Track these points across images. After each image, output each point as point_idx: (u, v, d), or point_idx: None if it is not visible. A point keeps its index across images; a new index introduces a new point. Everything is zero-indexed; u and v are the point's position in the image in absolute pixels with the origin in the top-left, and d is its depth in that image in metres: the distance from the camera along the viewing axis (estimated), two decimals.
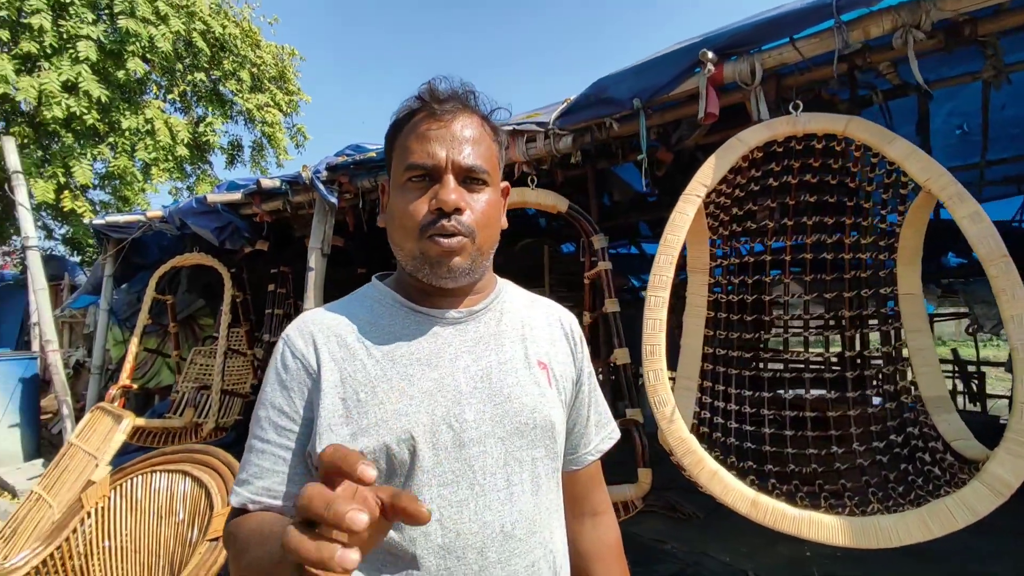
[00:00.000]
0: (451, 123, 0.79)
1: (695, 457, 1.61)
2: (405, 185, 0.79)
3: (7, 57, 6.45)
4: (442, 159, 0.77)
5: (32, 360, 5.75)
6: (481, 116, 0.84)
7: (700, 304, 2.17)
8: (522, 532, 0.77)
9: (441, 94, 0.81)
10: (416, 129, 0.79)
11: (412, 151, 0.78)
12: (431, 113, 0.79)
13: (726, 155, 1.92)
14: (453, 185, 0.77)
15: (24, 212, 3.47)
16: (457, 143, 0.78)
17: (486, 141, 0.82)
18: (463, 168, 0.78)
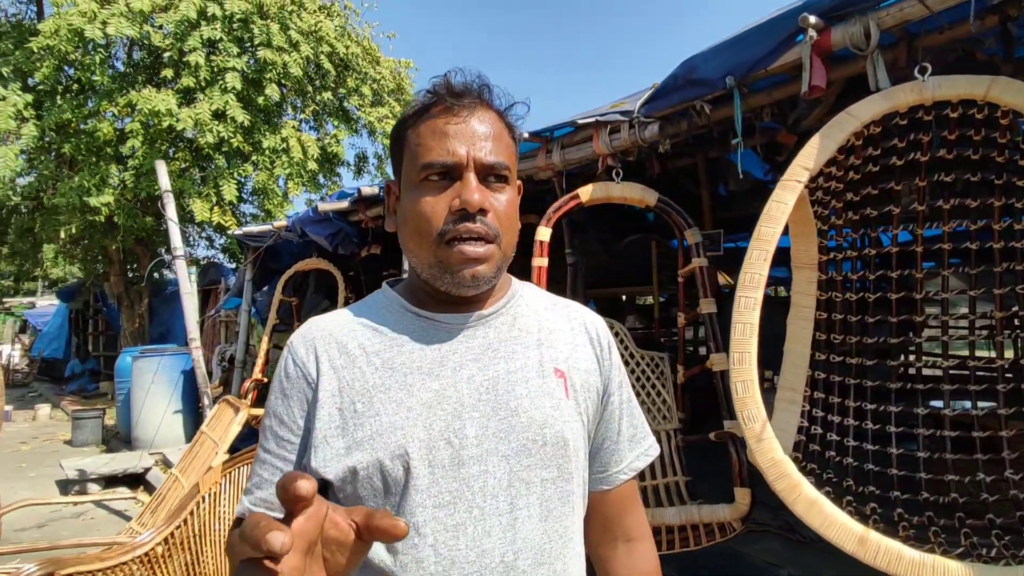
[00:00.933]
0: (470, 118, 0.73)
1: (790, 482, 1.41)
2: (421, 185, 0.73)
3: (171, 92, 7.43)
4: (463, 156, 0.71)
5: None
6: (498, 111, 0.78)
7: (807, 304, 1.91)
8: (526, 563, 0.69)
9: (457, 87, 0.75)
10: (432, 124, 0.73)
11: (429, 148, 0.72)
12: (447, 108, 0.73)
13: (833, 133, 1.66)
14: (476, 184, 0.71)
15: (172, 226, 3.96)
16: (478, 139, 0.72)
17: (505, 137, 0.76)
18: (485, 165, 0.72)
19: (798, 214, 1.84)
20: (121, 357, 7.36)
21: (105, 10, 7.09)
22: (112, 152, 7.76)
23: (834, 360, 1.96)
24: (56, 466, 5.49)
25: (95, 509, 4.61)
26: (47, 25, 7.09)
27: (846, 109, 1.67)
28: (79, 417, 7.12)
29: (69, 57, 7.30)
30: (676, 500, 2.44)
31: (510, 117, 0.80)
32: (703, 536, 2.15)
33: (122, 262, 10.02)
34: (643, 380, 2.78)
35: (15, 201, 8.68)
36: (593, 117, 2.42)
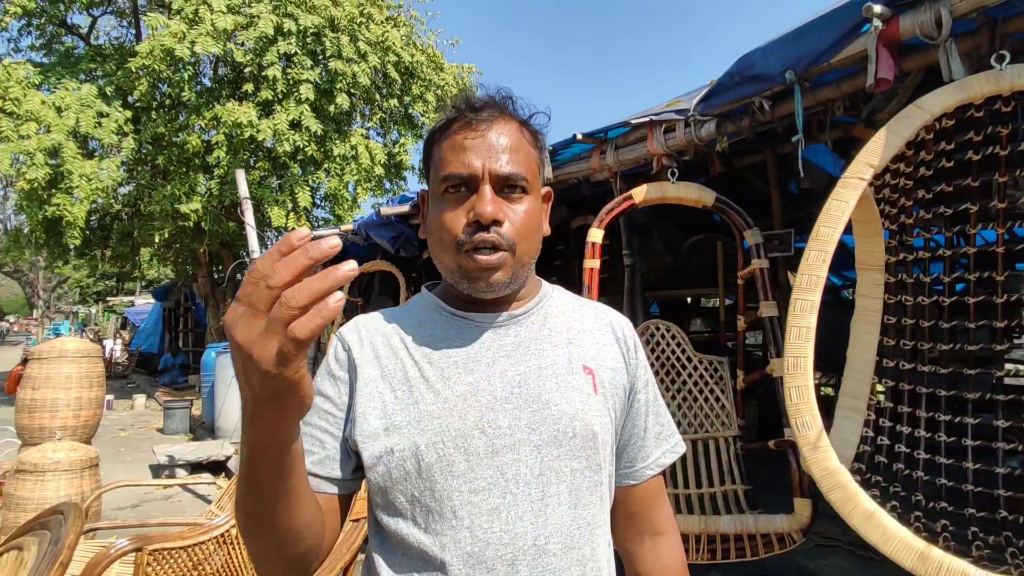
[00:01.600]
0: (487, 131, 0.77)
1: (845, 493, 1.35)
2: (442, 197, 0.78)
3: (251, 105, 7.92)
4: (478, 168, 0.75)
5: None
6: (520, 121, 0.81)
7: (873, 308, 1.82)
8: (557, 547, 0.73)
9: (477, 102, 0.79)
10: (452, 139, 0.78)
11: (448, 161, 0.77)
12: (467, 122, 0.78)
13: (900, 128, 1.57)
14: (490, 196, 0.75)
15: (251, 231, 4.24)
16: (494, 151, 0.76)
17: (524, 147, 0.79)
18: (500, 177, 0.76)
19: (862, 213, 1.75)
20: (206, 352, 7.91)
21: (193, 31, 7.65)
22: (199, 162, 8.36)
23: (904, 367, 1.85)
24: (150, 452, 5.97)
25: (181, 492, 4.98)
26: (143, 47, 7.73)
27: (915, 102, 1.58)
28: (170, 407, 7.71)
29: (162, 75, 7.92)
30: (734, 509, 2.37)
31: (534, 125, 0.83)
32: (760, 547, 2.08)
33: (209, 264, 10.76)
34: (701, 385, 2.72)
35: (116, 208, 9.51)
36: (647, 116, 2.40)
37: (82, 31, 10.53)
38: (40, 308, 26.84)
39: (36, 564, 1.04)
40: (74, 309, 34.01)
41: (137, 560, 1.97)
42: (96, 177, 7.88)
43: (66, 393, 4.08)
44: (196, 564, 2.15)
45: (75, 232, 8.01)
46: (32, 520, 1.28)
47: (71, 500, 3.35)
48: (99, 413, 4.32)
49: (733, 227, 2.45)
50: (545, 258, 5.02)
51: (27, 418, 4.01)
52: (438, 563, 0.71)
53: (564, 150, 2.98)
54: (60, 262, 10.63)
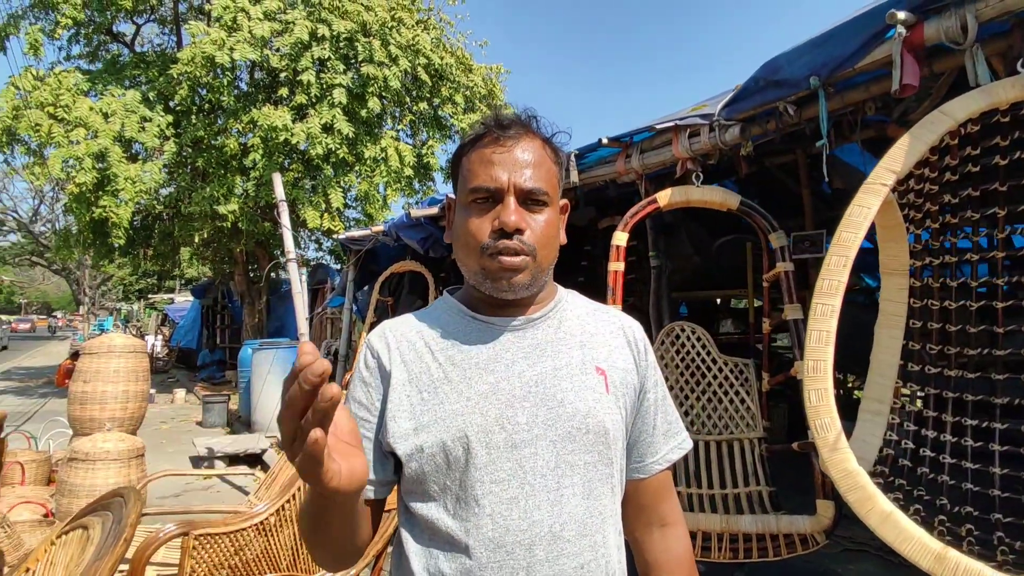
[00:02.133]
0: (513, 147, 0.83)
1: (862, 494, 1.37)
2: (469, 206, 0.84)
3: (286, 109, 8.14)
4: (504, 182, 0.82)
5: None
6: (543, 139, 0.88)
7: (897, 312, 1.82)
8: (571, 534, 0.79)
9: (505, 120, 0.86)
10: (481, 153, 0.84)
11: (476, 174, 0.84)
12: (495, 138, 0.84)
13: (924, 134, 1.59)
14: (514, 207, 0.82)
15: (286, 232, 4.39)
16: (519, 167, 0.82)
17: (546, 163, 0.86)
18: (524, 191, 0.82)
19: (886, 218, 1.76)
20: (243, 349, 8.18)
21: (231, 37, 7.90)
22: (237, 165, 8.63)
23: (930, 371, 1.85)
24: (190, 444, 6.22)
25: (220, 483, 5.18)
26: (185, 53, 8.02)
27: (939, 107, 1.59)
28: (208, 402, 7.99)
29: (202, 81, 8.20)
30: (758, 510, 2.39)
31: (556, 143, 0.90)
32: (783, 547, 2.10)
33: (245, 263, 11.08)
34: (726, 386, 2.74)
35: (159, 209, 9.88)
36: (672, 121, 2.43)
37: (127, 39, 10.95)
38: (86, 305, 27.96)
39: (102, 540, 1.14)
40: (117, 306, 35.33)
41: (184, 544, 2.10)
42: (140, 179, 8.21)
43: (114, 386, 4.29)
44: (237, 550, 2.27)
45: (120, 232, 8.35)
46: (94, 502, 1.39)
47: (130, 485, 3.54)
48: (144, 406, 4.54)
49: (758, 230, 2.47)
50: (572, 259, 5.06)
51: (78, 409, 4.24)
52: (462, 546, 0.78)
53: (590, 153, 3.02)
54: (106, 261, 11.06)
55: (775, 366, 3.88)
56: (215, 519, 2.29)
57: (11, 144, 8.55)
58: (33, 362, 17.46)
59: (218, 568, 2.22)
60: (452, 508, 0.79)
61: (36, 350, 23.11)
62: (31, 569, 1.37)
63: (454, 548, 0.79)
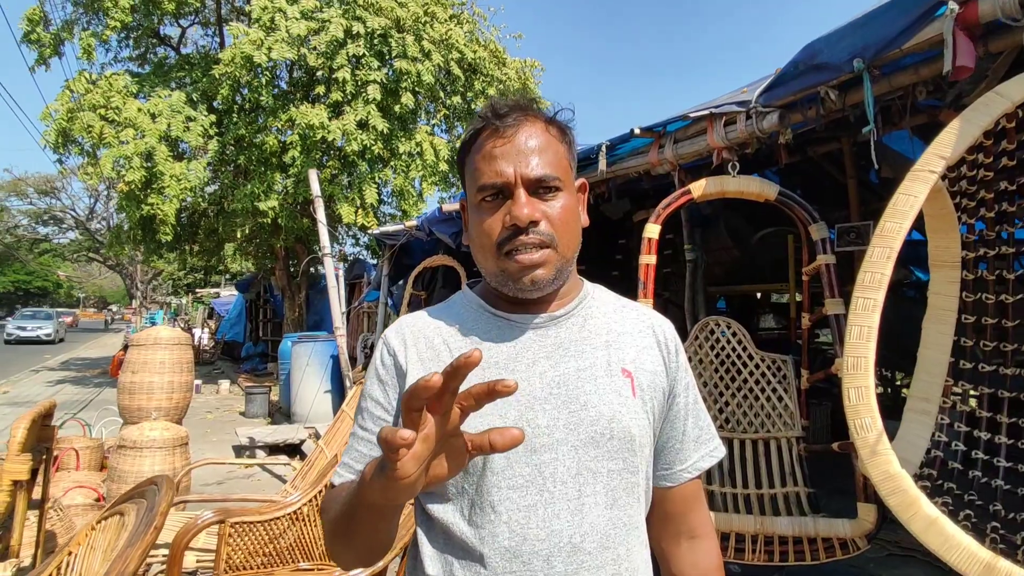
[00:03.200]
0: (515, 136, 0.78)
1: (905, 498, 1.30)
2: (480, 206, 0.80)
3: (323, 107, 8.28)
4: (510, 175, 0.77)
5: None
6: (545, 120, 0.82)
7: (947, 307, 1.72)
8: (592, 546, 0.74)
9: (502, 109, 0.81)
10: (482, 149, 0.80)
11: (481, 172, 0.79)
12: (494, 130, 0.79)
13: (976, 117, 1.49)
14: (525, 199, 0.77)
15: (322, 228, 4.46)
16: (523, 156, 0.77)
17: (553, 145, 0.81)
18: (532, 180, 0.77)
19: (935, 207, 1.67)
20: (283, 342, 8.39)
21: (270, 37, 8.08)
22: (276, 162, 8.84)
23: (984, 369, 1.75)
24: (232, 433, 6.42)
25: (261, 472, 5.34)
26: (225, 54, 8.24)
27: (994, 88, 1.49)
28: (250, 393, 8.23)
29: (242, 81, 8.42)
30: (795, 512, 2.31)
31: (561, 122, 0.84)
32: (822, 551, 2.02)
33: (285, 258, 11.36)
34: (763, 384, 2.65)
35: (203, 207, 10.21)
36: (707, 109, 2.35)
37: (173, 42, 11.33)
38: (138, 299, 29.22)
39: (135, 527, 1.17)
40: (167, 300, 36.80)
41: (220, 531, 2.16)
42: (185, 177, 8.49)
43: (160, 377, 4.45)
44: (272, 538, 2.32)
45: (167, 229, 8.67)
46: (131, 490, 1.44)
47: (165, 474, 3.68)
48: (188, 396, 4.69)
49: (798, 222, 2.37)
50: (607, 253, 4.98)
51: (127, 399, 4.41)
52: (477, 555, 0.74)
53: (622, 145, 2.96)
54: (154, 256, 11.51)
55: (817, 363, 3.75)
56: (250, 508, 2.35)
57: (66, 145, 8.96)
58: (90, 353, 18.35)
59: (253, 555, 2.28)
60: (468, 513, 0.76)
61: (92, 341, 24.29)
62: (73, 552, 1.43)
63: (469, 555, 0.76)
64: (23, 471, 1.81)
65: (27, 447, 1.89)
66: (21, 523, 1.87)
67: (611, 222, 5.22)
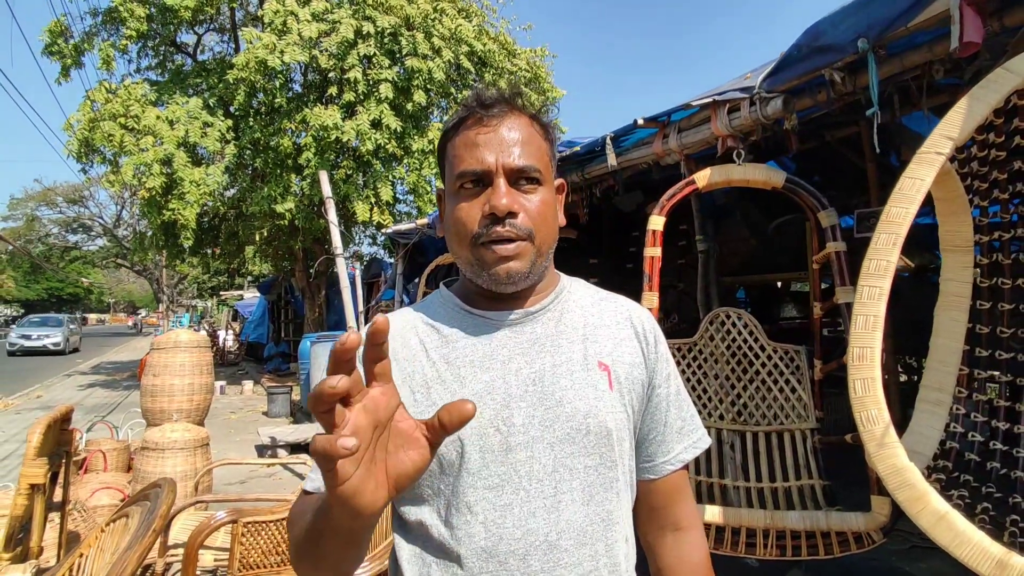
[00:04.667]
0: (499, 126, 0.78)
1: (913, 492, 1.26)
2: (458, 193, 0.79)
3: (336, 108, 8.34)
4: (492, 164, 0.76)
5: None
6: (529, 115, 0.82)
7: (960, 293, 1.67)
8: (569, 543, 0.74)
9: (487, 99, 0.80)
10: (465, 136, 0.79)
11: (462, 158, 0.78)
12: (478, 119, 0.79)
13: (985, 95, 1.43)
14: (505, 189, 0.76)
15: (333, 228, 4.50)
16: (506, 146, 0.77)
17: (536, 140, 0.80)
18: (514, 170, 0.77)
19: (944, 190, 1.61)
20: (303, 342, 8.51)
21: (282, 41, 8.16)
22: (291, 163, 8.93)
23: (1002, 357, 1.69)
24: (255, 433, 6.53)
25: (282, 471, 5.42)
26: (239, 59, 8.35)
27: (1003, 64, 1.43)
28: (272, 393, 8.37)
29: (257, 85, 8.52)
30: (810, 505, 2.26)
31: (545, 120, 0.84)
32: (835, 545, 1.97)
33: (304, 260, 11.50)
34: (775, 375, 2.60)
35: (223, 211, 10.38)
36: (710, 96, 2.31)
37: (189, 49, 11.51)
38: (164, 303, 29.89)
39: (136, 530, 1.19)
40: (193, 303, 37.58)
41: (233, 531, 2.20)
42: (204, 182, 8.63)
43: (181, 379, 4.54)
44: (287, 538, 2.35)
45: (188, 234, 8.84)
46: (138, 492, 1.47)
47: (186, 474, 3.76)
48: (209, 398, 4.78)
49: (807, 209, 2.32)
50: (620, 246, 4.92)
51: (149, 401, 4.52)
52: (454, 555, 0.74)
53: (627, 136, 2.92)
54: (177, 261, 11.74)
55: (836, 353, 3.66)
56: (263, 507, 2.38)
57: (88, 155, 9.17)
58: (119, 357, 18.84)
59: (268, 555, 2.31)
60: (444, 514, 0.75)
61: (123, 345, 24.91)
62: (83, 554, 1.46)
63: (446, 557, 0.75)
64: (39, 475, 1.86)
65: (44, 451, 1.94)
66: (40, 525, 1.92)
67: (624, 215, 5.17)
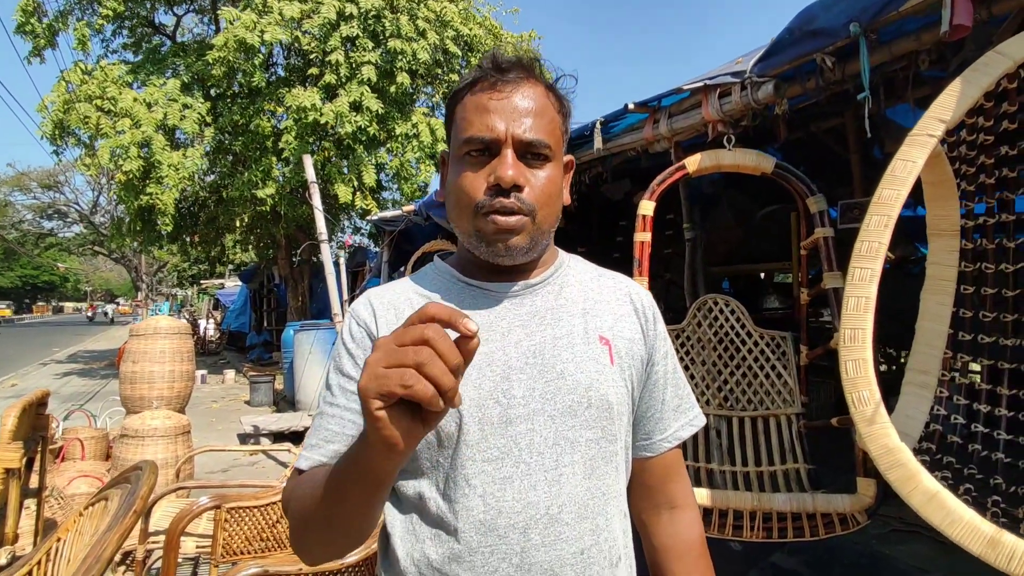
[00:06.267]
0: (512, 94, 0.75)
1: (905, 472, 1.27)
2: (463, 159, 0.76)
3: (315, 90, 8.19)
4: (501, 132, 0.73)
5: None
6: (546, 85, 0.79)
7: (946, 277, 1.68)
8: (570, 516, 0.72)
9: (504, 63, 0.76)
10: (476, 100, 0.76)
11: (471, 123, 0.75)
12: (492, 83, 0.75)
13: (976, 78, 1.43)
14: (512, 160, 0.73)
15: (317, 213, 4.43)
16: (518, 115, 0.74)
17: (549, 112, 0.77)
18: (523, 142, 0.74)
19: (934, 174, 1.62)
20: (286, 330, 8.41)
21: (263, 19, 7.98)
22: (271, 146, 8.77)
23: (984, 340, 1.71)
24: (238, 422, 6.46)
25: (265, 459, 5.37)
26: (219, 39, 8.15)
27: (995, 47, 1.43)
28: (254, 382, 8.27)
29: (235, 64, 8.33)
30: (796, 488, 2.29)
31: (561, 92, 0.81)
32: (821, 527, 2.00)
33: (287, 247, 11.34)
34: (762, 361, 2.62)
35: (202, 196, 10.18)
36: (701, 81, 2.29)
37: (168, 30, 11.22)
38: (144, 291, 29.37)
39: (116, 512, 1.16)
40: (173, 291, 36.99)
41: (216, 516, 2.16)
42: (182, 166, 8.45)
43: (161, 366, 4.46)
44: (271, 524, 2.32)
45: (167, 219, 8.65)
46: (118, 475, 1.43)
47: (167, 462, 3.70)
48: (190, 385, 4.70)
49: (796, 195, 2.32)
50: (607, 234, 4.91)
51: (128, 389, 4.43)
52: (452, 529, 0.72)
53: (617, 121, 2.91)
54: (155, 247, 11.51)
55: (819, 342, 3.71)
56: (247, 493, 2.35)
57: (63, 136, 8.92)
58: (97, 345, 18.50)
59: (251, 540, 2.27)
60: (442, 487, 0.73)
61: (101, 334, 24.46)
62: (61, 539, 1.42)
63: (443, 531, 0.73)
64: (14, 459, 1.81)
65: (19, 435, 1.89)
66: (15, 511, 1.87)
67: (611, 203, 5.16)
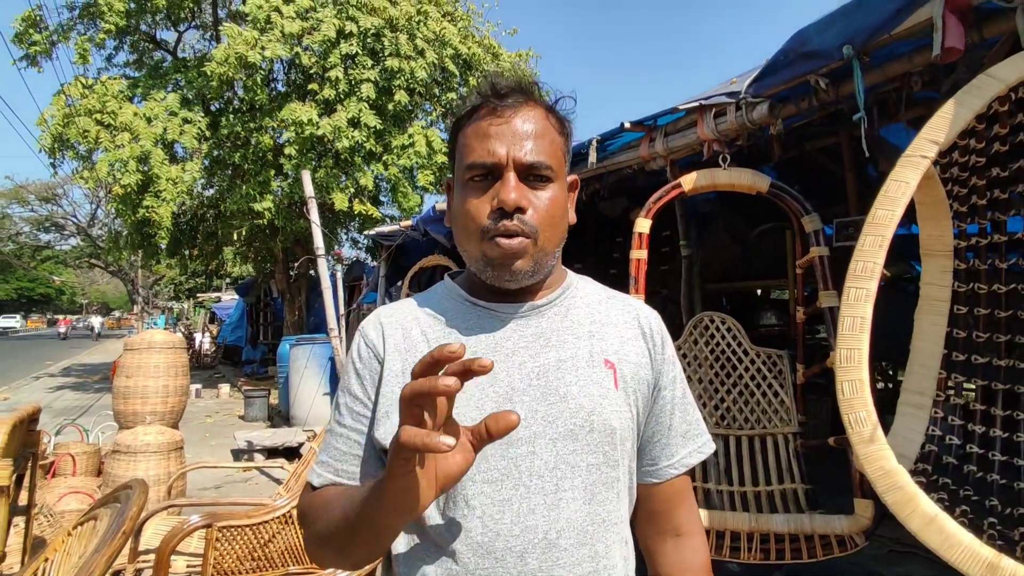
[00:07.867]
0: (512, 118, 0.76)
1: (902, 495, 1.26)
2: (467, 184, 0.77)
3: (313, 105, 8.25)
4: (502, 156, 0.74)
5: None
6: (545, 108, 0.80)
7: (940, 297, 1.69)
8: (568, 542, 0.72)
9: (502, 88, 0.77)
10: (477, 126, 0.77)
11: (472, 149, 0.76)
12: (492, 109, 0.76)
13: (969, 100, 1.45)
14: (514, 183, 0.74)
15: (315, 228, 4.44)
16: (518, 139, 0.75)
17: (550, 134, 0.78)
18: (525, 165, 0.75)
19: (926, 194, 1.63)
20: (282, 345, 8.37)
21: (264, 36, 8.06)
22: (272, 159, 8.81)
23: (977, 361, 1.71)
24: (231, 437, 6.40)
25: (259, 475, 5.31)
26: (218, 53, 8.20)
27: (986, 70, 1.45)
28: (249, 396, 8.21)
29: (235, 79, 8.39)
30: (793, 509, 2.27)
31: (560, 112, 0.81)
32: (819, 548, 1.98)
33: (284, 261, 11.34)
34: (758, 379, 2.62)
35: (201, 210, 10.19)
36: (696, 101, 2.32)
37: (169, 46, 11.32)
38: (140, 304, 29.26)
39: (105, 532, 1.14)
40: (169, 305, 36.86)
41: (207, 535, 2.13)
42: (180, 180, 8.47)
43: (155, 381, 4.43)
44: (263, 543, 2.29)
45: (164, 233, 8.65)
46: (108, 494, 1.41)
47: (159, 478, 3.66)
48: (184, 400, 4.67)
49: (791, 214, 2.34)
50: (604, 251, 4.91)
51: (122, 404, 4.40)
52: (449, 550, 0.72)
53: (613, 140, 2.93)
54: (153, 261, 11.50)
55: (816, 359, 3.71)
56: (239, 511, 2.32)
57: (62, 150, 8.95)
58: (91, 359, 18.37)
59: (243, 560, 2.24)
60: (442, 507, 0.73)
61: (95, 348, 24.32)
62: (49, 559, 1.40)
63: (441, 552, 0.73)
64: (3, 476, 1.78)
65: (9, 452, 1.86)
66: (3, 529, 1.84)
67: (608, 220, 5.19)
